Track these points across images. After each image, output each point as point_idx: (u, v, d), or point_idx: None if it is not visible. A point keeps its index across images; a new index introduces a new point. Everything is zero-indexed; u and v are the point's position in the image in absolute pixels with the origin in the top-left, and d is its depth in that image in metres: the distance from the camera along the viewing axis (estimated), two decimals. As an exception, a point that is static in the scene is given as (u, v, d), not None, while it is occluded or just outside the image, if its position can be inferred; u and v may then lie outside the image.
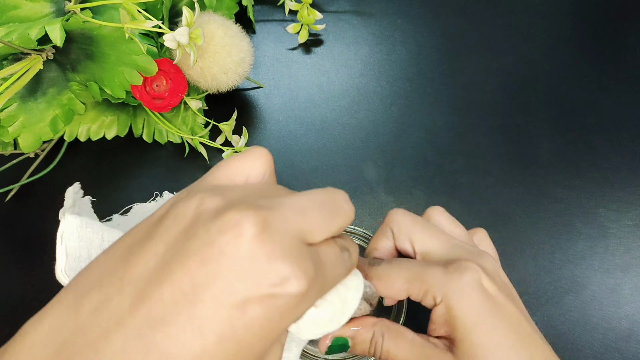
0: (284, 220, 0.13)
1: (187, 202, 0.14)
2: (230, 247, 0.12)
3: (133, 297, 0.12)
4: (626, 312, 0.29)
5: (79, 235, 0.18)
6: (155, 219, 0.14)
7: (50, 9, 0.29)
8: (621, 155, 0.34)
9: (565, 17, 0.39)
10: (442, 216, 0.22)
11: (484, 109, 0.35)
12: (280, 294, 0.12)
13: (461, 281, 0.18)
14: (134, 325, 0.12)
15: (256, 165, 0.16)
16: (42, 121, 0.29)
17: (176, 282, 0.12)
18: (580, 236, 0.31)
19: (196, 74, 0.30)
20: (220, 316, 0.12)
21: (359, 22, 0.39)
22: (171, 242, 0.13)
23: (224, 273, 0.12)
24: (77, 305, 0.13)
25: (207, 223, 0.13)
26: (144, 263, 0.13)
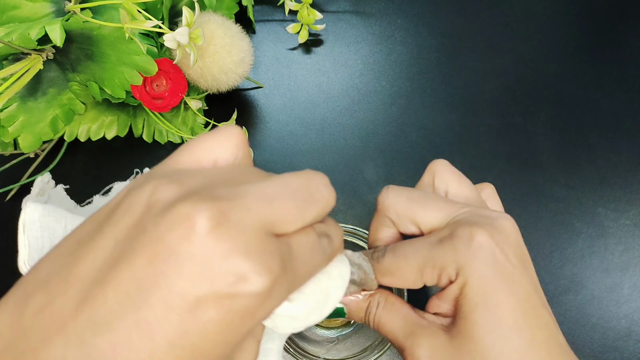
0: (246, 211, 0.12)
1: (141, 191, 0.12)
2: (181, 245, 0.11)
3: (76, 299, 0.11)
4: (625, 311, 0.30)
5: (41, 224, 0.16)
6: (109, 208, 0.13)
7: (50, 9, 0.29)
8: (620, 154, 0.34)
9: (565, 17, 0.39)
10: (447, 170, 0.20)
11: (483, 108, 0.35)
12: (238, 294, 0.11)
13: (470, 251, 0.16)
14: (75, 330, 0.11)
15: (226, 146, 0.14)
16: (42, 121, 0.29)
17: (121, 283, 0.11)
18: (580, 235, 0.31)
19: (196, 74, 0.30)
20: (170, 320, 0.11)
21: (359, 22, 0.39)
22: (121, 236, 0.12)
23: (173, 273, 0.11)
24: (22, 305, 0.12)
25: (157, 217, 0.11)
26: (91, 260, 0.12)
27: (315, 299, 0.15)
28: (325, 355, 0.26)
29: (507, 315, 0.16)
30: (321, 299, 0.15)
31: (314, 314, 0.15)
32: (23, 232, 0.16)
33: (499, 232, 0.17)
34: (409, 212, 0.19)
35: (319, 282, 0.15)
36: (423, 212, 0.18)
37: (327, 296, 0.15)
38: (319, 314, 0.15)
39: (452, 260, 0.17)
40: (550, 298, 0.30)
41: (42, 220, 0.16)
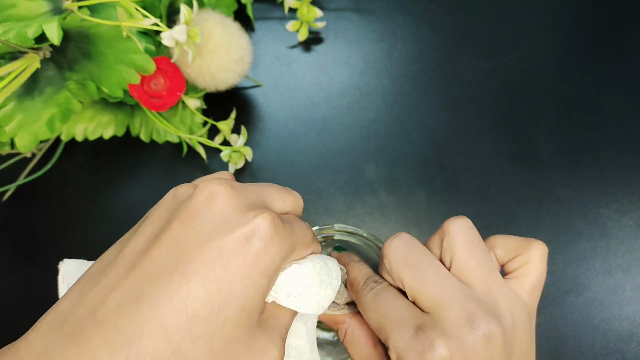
0: (246, 186, 0.16)
1: (165, 196, 0.16)
2: (203, 205, 0.15)
3: (127, 267, 0.14)
4: (627, 313, 0.29)
5: (77, 273, 0.19)
6: (140, 221, 0.17)
7: (48, 8, 0.29)
8: (622, 154, 0.33)
9: (567, 16, 0.39)
10: (458, 238, 0.18)
11: (486, 107, 0.35)
12: (253, 236, 0.14)
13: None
14: (127, 285, 0.14)
15: None
16: (39, 120, 0.29)
17: (162, 244, 0.14)
18: (582, 236, 0.31)
19: (194, 72, 0.30)
20: (201, 260, 0.14)
21: (359, 19, 0.38)
22: (156, 222, 0.15)
23: (200, 225, 0.14)
24: (79, 288, 0.15)
25: (182, 197, 0.16)
26: (134, 242, 0.15)
27: (320, 267, 0.17)
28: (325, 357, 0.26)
29: None
30: (325, 268, 0.17)
31: (324, 284, 0.17)
32: (62, 281, 0.20)
33: (465, 351, 0.16)
34: (400, 270, 0.18)
35: (318, 257, 0.18)
36: (410, 279, 0.18)
37: (329, 267, 0.18)
38: (329, 282, 0.17)
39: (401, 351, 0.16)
40: (552, 300, 0.30)
41: (78, 270, 0.19)
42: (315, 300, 0.17)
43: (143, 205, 0.33)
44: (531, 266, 0.18)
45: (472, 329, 0.16)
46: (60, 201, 0.34)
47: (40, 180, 0.33)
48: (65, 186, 0.34)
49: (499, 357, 0.16)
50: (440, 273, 0.18)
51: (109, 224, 0.33)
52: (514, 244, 0.19)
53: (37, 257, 0.32)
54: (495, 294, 0.17)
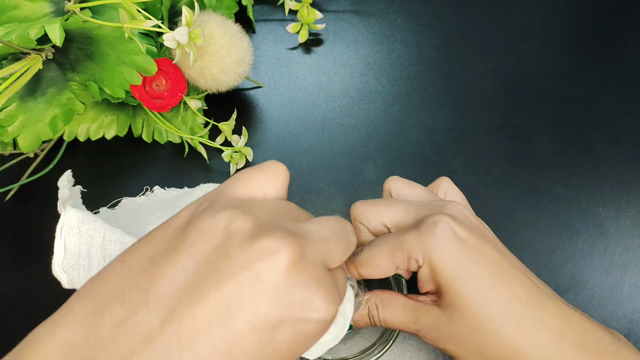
0: (314, 249, 0.14)
1: (214, 218, 0.14)
2: (267, 273, 0.13)
3: (162, 314, 0.12)
4: (625, 311, 0.30)
5: (79, 230, 0.17)
6: (175, 229, 0.14)
7: (50, 9, 0.29)
8: (620, 154, 0.34)
9: (565, 17, 0.39)
10: (398, 183, 0.23)
11: (484, 108, 0.35)
12: (311, 320, 0.13)
13: (435, 236, 0.18)
14: (162, 343, 0.12)
15: (276, 182, 0.16)
16: (41, 121, 0.29)
17: (210, 303, 0.12)
18: (580, 235, 0.31)
19: (196, 73, 0.30)
20: (252, 339, 0.12)
21: (359, 21, 0.39)
22: (202, 259, 0.13)
23: (260, 298, 0.12)
24: (96, 318, 0.12)
25: (244, 245, 0.13)
26: (171, 278, 0.13)
27: (339, 324, 0.17)
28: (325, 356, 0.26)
29: (481, 281, 0.18)
30: (342, 324, 0.17)
31: (337, 337, 0.17)
32: (60, 235, 0.17)
33: (453, 217, 0.19)
34: (374, 214, 0.21)
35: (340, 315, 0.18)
36: (386, 212, 0.21)
37: (345, 319, 0.18)
38: (340, 336, 0.17)
39: (418, 246, 0.19)
40: (550, 298, 0.30)
41: (80, 226, 0.17)
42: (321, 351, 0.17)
43: (144, 205, 0.33)
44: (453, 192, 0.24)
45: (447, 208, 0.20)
46: (62, 201, 0.34)
47: (43, 180, 0.33)
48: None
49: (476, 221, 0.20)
50: (401, 200, 0.22)
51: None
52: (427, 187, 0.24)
53: (39, 257, 0.32)
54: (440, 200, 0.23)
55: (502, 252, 0.19)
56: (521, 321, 0.18)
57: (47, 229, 0.33)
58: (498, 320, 0.18)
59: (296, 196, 0.33)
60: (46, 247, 0.32)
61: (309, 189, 0.33)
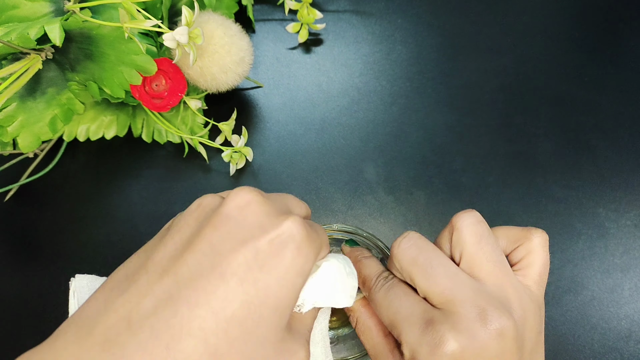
0: (273, 195, 0.17)
1: (189, 207, 0.16)
2: (235, 211, 0.15)
3: (159, 272, 0.14)
4: (625, 312, 0.29)
5: (89, 288, 0.20)
6: (162, 230, 0.17)
7: (50, 9, 0.29)
8: (620, 155, 0.34)
9: (565, 17, 0.39)
10: (468, 231, 0.18)
11: (484, 108, 0.35)
12: (283, 238, 0.15)
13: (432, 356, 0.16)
14: (162, 290, 0.13)
15: None
16: (41, 121, 0.29)
17: (197, 248, 0.14)
18: (580, 236, 0.31)
19: (195, 73, 0.30)
20: (237, 261, 0.14)
21: (359, 21, 0.39)
22: (185, 230, 0.15)
23: (234, 229, 0.14)
24: (105, 295, 0.14)
25: (211, 206, 0.16)
26: (163, 249, 0.15)
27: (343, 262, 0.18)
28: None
29: None
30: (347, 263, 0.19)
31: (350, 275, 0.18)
32: (74, 296, 0.20)
33: (475, 345, 0.16)
34: (409, 270, 0.18)
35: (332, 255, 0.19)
36: (420, 278, 0.18)
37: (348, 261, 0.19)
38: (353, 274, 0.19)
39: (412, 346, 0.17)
40: (550, 299, 0.30)
41: (89, 285, 0.20)
42: (347, 292, 0.18)
43: (144, 205, 0.33)
44: (535, 255, 0.18)
45: (484, 324, 0.16)
46: (62, 201, 0.34)
47: (42, 180, 0.33)
48: (67, 186, 0.34)
49: (511, 350, 0.16)
50: (450, 270, 0.18)
51: (110, 223, 0.33)
52: (515, 234, 0.19)
53: (39, 257, 0.32)
54: (505, 287, 0.17)
55: None
56: None
57: (47, 229, 0.33)
58: None
59: (296, 196, 0.33)
60: (45, 247, 0.33)
61: (308, 188, 0.33)
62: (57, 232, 0.33)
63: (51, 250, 0.32)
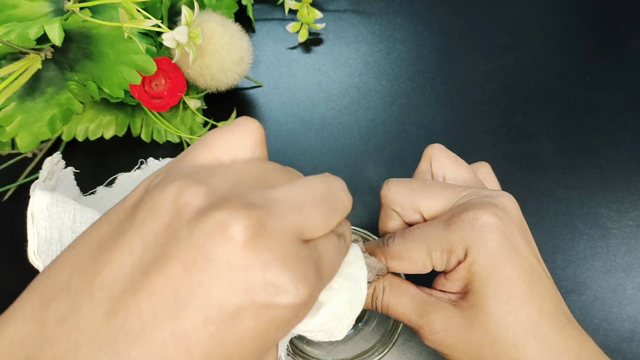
0: (280, 220, 0.11)
1: (164, 192, 0.12)
2: (219, 254, 0.11)
3: (106, 307, 0.11)
4: (628, 313, 0.29)
5: (49, 214, 0.16)
6: (128, 208, 0.12)
7: (49, 8, 0.29)
8: (622, 154, 0.33)
9: (566, 17, 0.39)
10: (443, 154, 0.21)
11: (484, 108, 0.35)
12: (277, 305, 0.11)
13: (479, 229, 0.17)
14: (107, 340, 0.11)
15: (246, 141, 0.14)
16: (40, 121, 0.29)
17: (156, 292, 0.11)
18: (582, 236, 0.31)
19: (195, 73, 0.30)
20: (207, 331, 0.11)
21: (358, 21, 0.39)
22: (148, 241, 0.11)
23: (212, 282, 0.10)
24: (42, 312, 0.11)
25: (191, 222, 0.11)
26: (117, 265, 0.11)
27: (348, 291, 0.15)
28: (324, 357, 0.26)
29: (516, 287, 0.17)
30: (355, 288, 0.15)
31: (353, 304, 0.15)
32: (32, 221, 0.15)
33: (500, 210, 0.17)
34: (411, 201, 0.19)
35: (342, 274, 0.15)
36: (425, 199, 0.19)
37: (356, 281, 0.15)
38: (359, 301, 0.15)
39: (459, 242, 0.17)
40: (552, 299, 0.30)
41: (50, 209, 0.16)
42: (347, 325, 0.15)
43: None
44: (491, 180, 0.22)
45: (494, 197, 0.18)
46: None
47: (41, 181, 0.33)
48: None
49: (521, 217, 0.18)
50: (443, 184, 0.20)
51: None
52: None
53: (37, 258, 0.32)
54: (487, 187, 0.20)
55: (538, 257, 0.18)
56: (544, 342, 0.16)
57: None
58: (522, 336, 0.16)
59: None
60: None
61: (308, 189, 0.33)
62: (56, 233, 0.32)
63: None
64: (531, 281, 0.17)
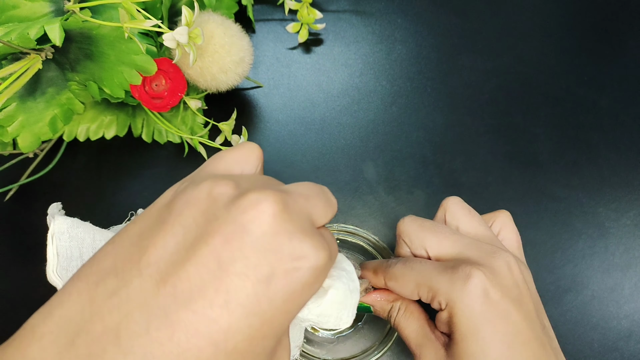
0: (297, 203, 0.14)
1: (197, 188, 0.14)
2: (253, 225, 0.13)
3: (155, 278, 0.12)
4: (626, 312, 0.29)
5: (69, 235, 0.17)
6: (161, 206, 0.14)
7: (50, 9, 0.29)
8: (620, 154, 0.34)
9: (565, 16, 0.39)
10: (457, 207, 0.22)
11: (484, 108, 0.35)
12: (302, 267, 0.13)
13: (464, 289, 0.18)
14: (158, 305, 0.12)
15: (251, 159, 0.17)
16: (41, 121, 0.29)
17: (201, 261, 0.12)
18: (580, 236, 0.31)
19: (195, 73, 0.30)
20: (246, 290, 0.12)
21: (358, 21, 0.39)
22: (189, 224, 0.13)
23: (249, 249, 0.12)
24: (90, 292, 0.12)
25: (228, 204, 0.13)
26: (161, 246, 0.13)
27: (344, 277, 0.17)
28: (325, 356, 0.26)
29: (493, 348, 0.18)
30: (348, 275, 0.17)
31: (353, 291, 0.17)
32: (52, 242, 0.17)
33: (494, 273, 0.19)
34: (419, 237, 0.21)
35: (336, 266, 0.17)
36: (432, 238, 0.21)
37: (349, 274, 0.18)
38: (355, 288, 0.18)
39: (445, 291, 0.19)
40: (550, 298, 0.30)
41: (70, 231, 0.17)
42: (351, 312, 0.17)
43: (144, 205, 0.33)
44: (509, 229, 0.23)
45: (494, 258, 0.19)
46: (62, 201, 0.34)
47: (42, 180, 0.33)
48: (67, 186, 0.34)
49: (519, 280, 0.19)
50: (452, 230, 0.21)
51: (110, 223, 0.33)
52: (486, 215, 0.24)
53: (39, 257, 0.32)
54: (498, 243, 0.22)
55: (531, 321, 0.19)
56: None
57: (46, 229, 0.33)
58: None
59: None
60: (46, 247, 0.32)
61: (308, 189, 0.33)
62: (57, 232, 0.33)
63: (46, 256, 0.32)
64: (511, 344, 0.18)
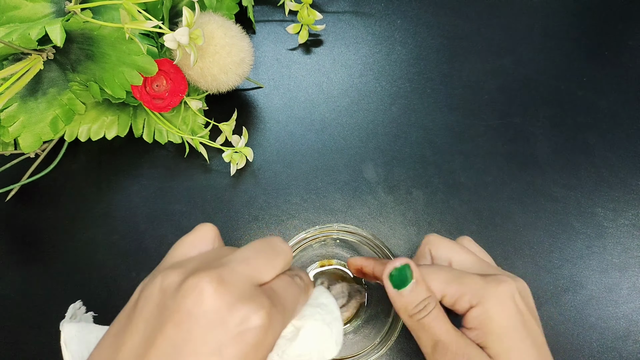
0: (234, 272, 0.16)
1: (152, 283, 0.16)
2: (195, 307, 0.15)
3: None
4: (624, 312, 0.30)
5: (78, 339, 0.20)
6: (130, 305, 0.17)
7: (51, 9, 0.30)
8: (618, 154, 0.34)
9: (563, 18, 0.39)
10: (442, 243, 0.24)
11: (483, 108, 0.35)
12: (247, 329, 0.15)
13: (498, 290, 0.20)
14: None
15: (206, 239, 0.19)
16: (42, 121, 0.29)
17: (160, 348, 0.14)
18: (578, 235, 0.32)
19: (196, 74, 0.30)
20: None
21: (358, 22, 0.39)
22: (148, 318, 0.15)
23: (195, 329, 0.14)
24: None
25: (174, 293, 0.15)
26: (130, 342, 0.15)
27: (320, 314, 0.18)
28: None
29: (529, 350, 0.19)
30: (326, 309, 0.18)
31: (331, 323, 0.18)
32: (66, 348, 0.20)
33: (520, 287, 0.21)
34: (447, 251, 0.23)
35: (310, 303, 0.18)
36: (459, 255, 0.22)
37: (327, 307, 0.18)
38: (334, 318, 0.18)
39: (478, 289, 0.20)
40: (549, 298, 0.30)
41: (78, 335, 0.20)
42: (334, 342, 0.18)
43: (145, 205, 0.33)
44: (483, 254, 0.24)
45: (516, 277, 0.21)
46: (63, 201, 0.34)
47: (44, 180, 0.34)
48: (68, 186, 0.34)
49: (531, 305, 0.21)
50: (473, 253, 0.23)
51: (111, 223, 0.33)
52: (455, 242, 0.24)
53: (39, 257, 0.32)
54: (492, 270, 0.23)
55: (544, 340, 0.20)
56: None
57: (48, 229, 0.33)
58: None
59: (296, 196, 0.33)
60: (46, 247, 0.33)
61: (308, 188, 0.33)
62: (58, 232, 0.33)
63: (51, 250, 0.33)
64: (540, 352, 0.19)
